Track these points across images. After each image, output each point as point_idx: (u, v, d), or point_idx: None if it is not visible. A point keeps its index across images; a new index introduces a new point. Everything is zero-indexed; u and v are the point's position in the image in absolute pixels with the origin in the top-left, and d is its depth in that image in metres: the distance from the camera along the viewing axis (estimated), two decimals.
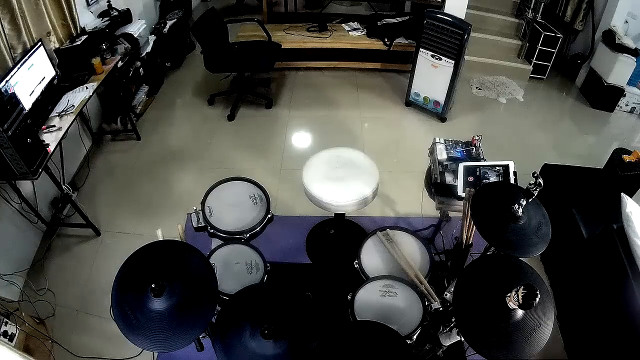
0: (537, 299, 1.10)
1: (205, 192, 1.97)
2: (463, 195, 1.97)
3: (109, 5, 3.35)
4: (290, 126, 3.75)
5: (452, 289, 1.46)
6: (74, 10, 2.92)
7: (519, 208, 1.52)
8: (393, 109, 3.99)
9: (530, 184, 1.48)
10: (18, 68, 2.29)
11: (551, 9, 4.56)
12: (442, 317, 1.64)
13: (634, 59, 3.89)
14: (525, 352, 1.17)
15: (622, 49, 3.89)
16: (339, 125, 3.77)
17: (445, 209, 2.19)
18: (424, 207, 2.64)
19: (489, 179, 1.99)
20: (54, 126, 2.38)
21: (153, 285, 1.19)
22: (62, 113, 2.47)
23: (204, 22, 3.52)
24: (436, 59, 3.51)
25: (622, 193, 2.12)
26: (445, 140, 2.26)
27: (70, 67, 2.80)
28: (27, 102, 2.32)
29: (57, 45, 2.79)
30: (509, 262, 1.39)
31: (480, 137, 2.20)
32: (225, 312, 1.35)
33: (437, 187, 2.12)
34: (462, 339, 1.49)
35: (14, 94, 2.12)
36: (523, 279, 1.28)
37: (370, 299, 1.65)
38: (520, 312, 1.19)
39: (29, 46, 2.49)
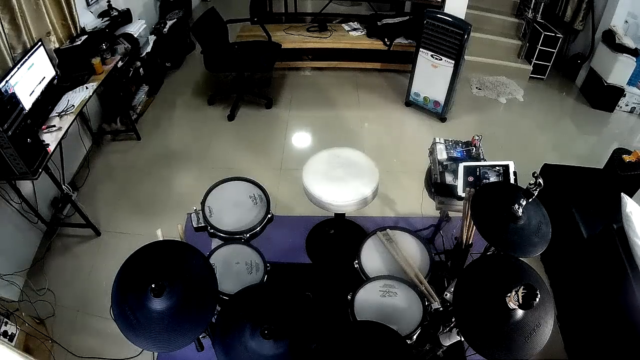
0: (537, 299, 1.10)
1: (205, 192, 1.97)
2: (463, 195, 1.97)
3: (109, 5, 3.35)
4: (290, 126, 3.75)
5: (452, 289, 1.46)
6: (74, 10, 2.92)
7: (519, 208, 1.52)
8: (393, 109, 3.99)
9: (530, 184, 1.48)
10: (18, 68, 2.29)
11: (551, 9, 4.57)
12: (442, 317, 1.64)
13: (634, 59, 3.89)
14: (525, 352, 1.17)
15: (622, 49, 3.90)
16: (339, 125, 3.77)
17: (445, 209, 2.19)
18: (424, 207, 2.64)
19: (489, 179, 1.99)
20: (54, 126, 2.38)
21: (153, 285, 1.19)
22: (62, 113, 2.47)
23: (204, 22, 3.52)
24: (436, 59, 3.51)
25: (622, 193, 2.12)
26: (445, 140, 2.26)
27: (70, 67, 2.80)
28: (27, 102, 2.32)
29: (57, 45, 2.79)
30: (509, 262, 1.39)
31: (480, 137, 2.20)
32: (225, 312, 1.35)
33: (437, 187, 2.12)
34: (462, 339, 1.49)
35: (14, 94, 2.12)
36: (523, 279, 1.28)
37: (370, 299, 1.65)
38: (520, 312, 1.19)
39: (29, 46, 2.49)
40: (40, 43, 2.52)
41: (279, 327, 1.22)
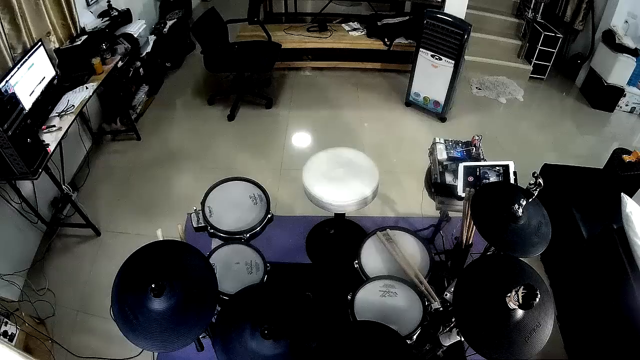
0: (537, 299, 1.10)
1: (205, 192, 1.97)
2: (463, 195, 1.97)
3: (109, 5, 3.35)
4: (290, 126, 3.75)
5: (452, 289, 1.46)
6: (74, 10, 2.92)
7: (519, 208, 1.52)
8: (393, 109, 3.99)
9: (530, 184, 1.49)
10: (18, 68, 2.29)
11: (551, 9, 4.57)
12: (442, 317, 1.64)
13: (634, 59, 3.89)
14: (525, 352, 1.17)
15: (622, 49, 3.89)
16: (339, 125, 3.77)
17: (445, 209, 2.19)
18: (424, 207, 2.64)
19: (489, 179, 1.99)
20: (54, 126, 2.38)
21: (153, 285, 1.19)
22: (62, 113, 2.47)
23: (204, 22, 3.52)
24: (436, 59, 3.51)
25: (622, 193, 2.12)
26: (445, 140, 2.26)
27: (70, 67, 2.80)
28: (27, 102, 2.32)
29: (57, 45, 2.79)
30: (509, 262, 1.39)
31: (480, 137, 2.20)
32: (225, 312, 1.35)
33: (437, 187, 2.12)
34: (462, 339, 1.49)
35: (14, 94, 2.12)
36: (523, 279, 1.28)
37: (370, 299, 1.65)
38: (520, 312, 1.19)
39: (29, 46, 2.49)
40: (40, 43, 2.51)
41: (279, 327, 1.22)
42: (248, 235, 1.85)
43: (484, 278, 1.31)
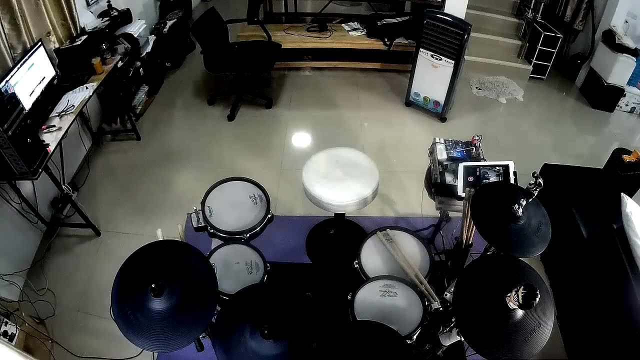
0: (537, 299, 1.10)
1: (205, 192, 1.97)
2: (463, 195, 1.97)
3: (109, 5, 3.35)
4: (290, 126, 3.75)
5: (452, 289, 1.46)
6: (74, 10, 2.92)
7: (519, 208, 1.52)
8: (393, 109, 3.99)
9: (530, 184, 1.49)
10: (18, 68, 2.29)
11: (551, 9, 4.57)
12: (442, 317, 1.64)
13: (634, 59, 3.89)
14: (525, 352, 1.17)
15: (622, 49, 3.90)
16: (339, 125, 3.77)
17: (445, 209, 2.19)
18: (424, 207, 2.64)
19: (489, 179, 1.99)
20: (54, 126, 2.38)
21: (153, 285, 1.19)
22: (62, 113, 2.47)
23: (204, 22, 3.52)
24: (436, 59, 3.51)
25: (622, 193, 2.12)
26: (445, 140, 2.27)
27: (70, 67, 2.80)
28: (27, 102, 2.32)
29: (57, 45, 2.79)
30: (509, 262, 1.39)
31: (480, 137, 2.20)
32: (225, 312, 1.35)
33: (437, 187, 2.12)
34: (462, 339, 1.49)
35: (14, 94, 2.12)
36: (523, 279, 1.28)
37: (370, 299, 1.65)
38: (520, 312, 1.19)
39: (29, 46, 2.49)
40: (40, 43, 2.52)
41: (279, 327, 1.22)
42: (248, 235, 1.85)
43: (484, 278, 1.31)
